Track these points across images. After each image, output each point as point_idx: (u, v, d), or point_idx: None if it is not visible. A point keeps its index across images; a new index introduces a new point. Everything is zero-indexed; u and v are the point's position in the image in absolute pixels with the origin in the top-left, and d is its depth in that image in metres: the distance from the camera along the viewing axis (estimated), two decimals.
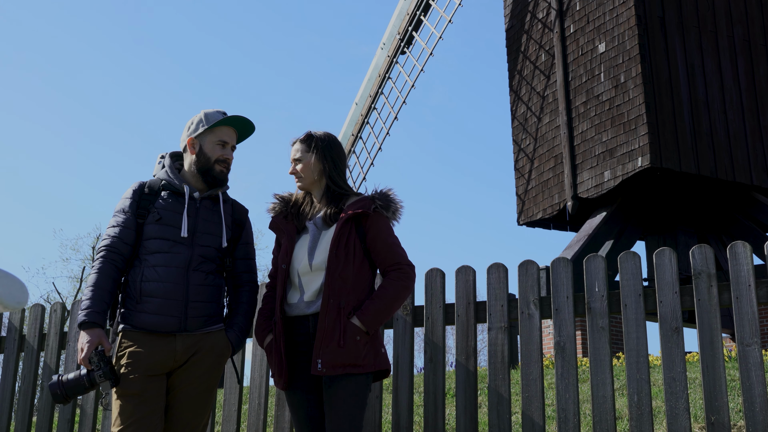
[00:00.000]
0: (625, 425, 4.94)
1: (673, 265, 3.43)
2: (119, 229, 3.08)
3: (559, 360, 3.52)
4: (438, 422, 3.67)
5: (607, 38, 12.14)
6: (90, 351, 2.89)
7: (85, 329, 2.92)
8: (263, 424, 3.97)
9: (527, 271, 3.67)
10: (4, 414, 4.57)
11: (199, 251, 3.08)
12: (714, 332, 3.31)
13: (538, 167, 13.06)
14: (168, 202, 3.12)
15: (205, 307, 3.05)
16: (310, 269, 3.01)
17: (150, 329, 2.97)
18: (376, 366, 2.97)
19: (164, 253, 3.03)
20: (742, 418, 4.58)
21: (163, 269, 3.00)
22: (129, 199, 3.13)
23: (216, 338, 3.07)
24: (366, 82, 16.15)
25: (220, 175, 3.18)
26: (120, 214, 3.11)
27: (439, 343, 3.74)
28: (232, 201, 3.30)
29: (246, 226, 3.29)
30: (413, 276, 3.06)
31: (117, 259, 3.04)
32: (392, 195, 3.12)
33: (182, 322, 2.99)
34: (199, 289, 3.04)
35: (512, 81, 13.92)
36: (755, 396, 3.19)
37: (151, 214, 3.09)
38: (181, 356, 3.00)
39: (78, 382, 2.91)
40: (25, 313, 4.71)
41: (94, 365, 2.89)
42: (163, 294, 2.98)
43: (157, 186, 3.16)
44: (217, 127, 3.20)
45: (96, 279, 3.00)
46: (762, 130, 12.21)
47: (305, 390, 3.00)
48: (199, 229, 3.11)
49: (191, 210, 3.12)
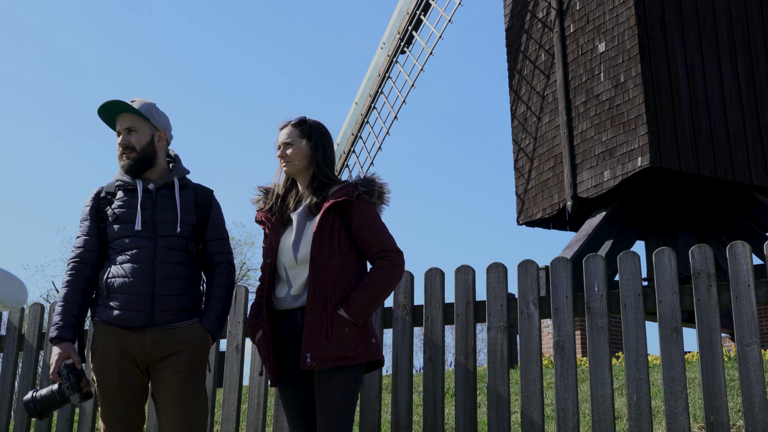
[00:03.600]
0: (624, 425, 4.94)
1: (673, 264, 3.43)
2: (83, 239, 3.11)
3: (559, 360, 3.52)
4: (437, 422, 3.67)
5: (607, 38, 12.13)
6: (59, 364, 2.93)
7: (55, 344, 2.97)
8: (262, 424, 3.97)
9: (527, 270, 3.67)
10: (3, 413, 4.57)
11: (163, 242, 3.05)
12: (713, 332, 3.31)
13: (537, 167, 13.06)
14: (124, 200, 3.11)
15: (174, 301, 3.02)
16: (296, 262, 2.96)
17: (118, 325, 2.98)
18: (367, 357, 2.91)
19: (129, 250, 3.03)
20: (742, 417, 4.58)
21: (129, 265, 3.01)
22: (88, 206, 3.16)
23: (192, 331, 3.04)
24: (366, 81, 16.14)
25: (127, 162, 3.12)
26: (83, 223, 3.15)
27: (439, 343, 3.74)
28: (195, 185, 3.24)
29: (212, 206, 3.23)
30: (401, 263, 2.98)
31: (84, 269, 3.07)
32: (376, 178, 3.04)
33: (149, 316, 2.98)
34: (166, 282, 3.02)
35: (512, 80, 13.91)
36: (754, 396, 3.19)
37: (110, 216, 3.10)
38: (152, 350, 2.97)
39: (50, 396, 2.94)
40: (24, 312, 4.71)
41: (63, 378, 2.92)
42: (128, 290, 2.98)
43: (113, 187, 3.17)
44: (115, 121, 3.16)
45: (65, 293, 3.05)
46: (762, 130, 12.21)
47: (296, 384, 2.97)
48: (159, 219, 3.08)
49: (147, 203, 3.09)
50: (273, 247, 3.03)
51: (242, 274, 26.45)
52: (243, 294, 4.20)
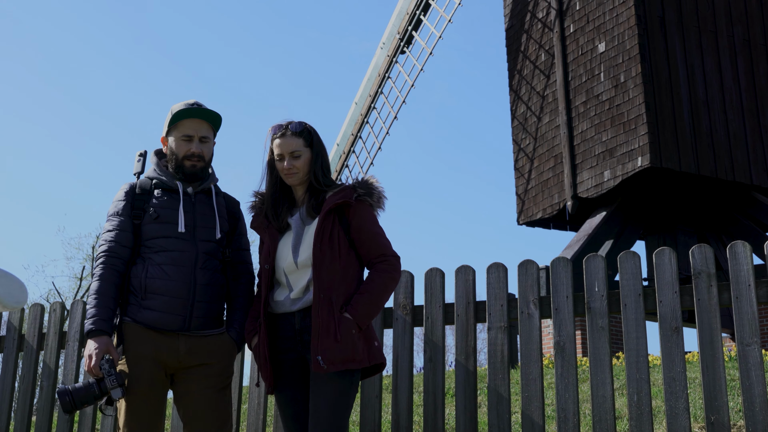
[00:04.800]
0: (624, 425, 4.94)
1: (673, 264, 3.43)
2: (116, 232, 3.02)
3: (559, 360, 3.52)
4: (438, 422, 3.66)
5: (607, 38, 12.14)
6: (99, 359, 2.86)
7: (93, 337, 2.89)
8: (263, 424, 3.97)
9: (527, 270, 3.66)
10: (3, 414, 4.56)
11: (203, 247, 3.04)
12: (714, 332, 3.31)
13: (537, 167, 13.06)
14: (163, 200, 3.06)
15: (208, 308, 3.03)
16: (296, 267, 2.95)
17: (153, 326, 2.94)
18: (371, 360, 2.92)
19: (170, 251, 2.99)
20: (742, 417, 4.57)
21: (171, 267, 2.97)
22: (122, 201, 3.07)
23: (221, 342, 3.04)
24: (366, 81, 16.14)
25: (191, 170, 3.08)
26: (114, 217, 3.05)
27: (439, 343, 3.74)
28: (224, 194, 3.24)
29: (240, 217, 3.24)
30: (399, 267, 3.00)
31: (117, 263, 2.99)
32: (374, 182, 3.03)
33: (186, 321, 2.96)
34: (205, 288, 3.01)
35: (512, 80, 13.91)
36: (755, 396, 3.19)
37: (147, 214, 3.03)
38: (185, 357, 2.96)
39: (88, 390, 2.87)
40: (24, 312, 4.70)
41: (104, 372, 2.86)
42: (169, 292, 2.94)
43: (149, 185, 3.10)
44: (180, 122, 3.06)
45: (99, 286, 2.95)
46: (762, 130, 12.21)
47: (292, 388, 2.97)
48: (199, 223, 3.07)
49: (187, 206, 3.07)
50: (271, 253, 3.01)
51: None
52: None
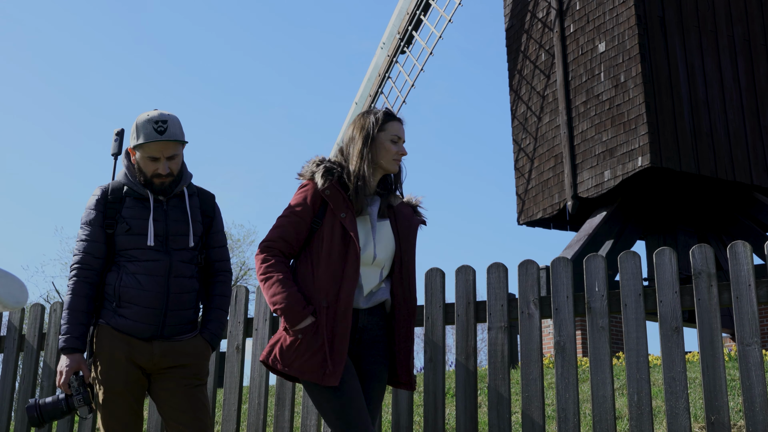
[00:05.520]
0: (625, 425, 4.94)
1: (673, 264, 3.43)
2: (89, 243, 3.01)
3: (559, 360, 3.52)
4: (438, 422, 3.66)
5: (607, 38, 12.14)
6: (69, 376, 2.90)
7: (65, 354, 2.93)
8: (263, 424, 3.97)
9: (527, 270, 3.67)
10: (3, 414, 4.57)
11: (177, 257, 3.02)
12: (714, 332, 3.31)
13: (538, 167, 13.06)
14: (134, 210, 3.02)
15: (182, 315, 3.03)
16: (371, 260, 2.82)
17: (127, 333, 2.95)
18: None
19: (143, 261, 2.97)
20: (742, 417, 4.57)
21: (144, 277, 2.96)
22: (93, 210, 3.03)
23: (195, 344, 3.05)
24: (366, 81, 16.14)
25: (161, 186, 3.03)
26: (86, 227, 3.03)
27: (439, 343, 3.74)
28: (198, 190, 3.19)
29: (215, 214, 3.20)
30: None
31: (90, 275, 2.99)
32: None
33: (159, 329, 2.97)
34: (179, 297, 3.00)
35: (512, 80, 13.92)
36: (755, 396, 3.19)
37: (119, 225, 3.00)
38: (159, 360, 2.97)
39: (56, 406, 2.91)
40: (24, 312, 4.71)
41: (73, 390, 2.90)
42: (142, 302, 2.94)
43: (120, 192, 3.06)
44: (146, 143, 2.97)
45: (71, 301, 2.97)
46: (762, 130, 12.21)
47: (356, 379, 2.77)
48: (172, 231, 3.03)
49: (159, 214, 3.03)
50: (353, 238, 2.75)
51: (242, 273, 26.43)
52: (243, 294, 4.20)
